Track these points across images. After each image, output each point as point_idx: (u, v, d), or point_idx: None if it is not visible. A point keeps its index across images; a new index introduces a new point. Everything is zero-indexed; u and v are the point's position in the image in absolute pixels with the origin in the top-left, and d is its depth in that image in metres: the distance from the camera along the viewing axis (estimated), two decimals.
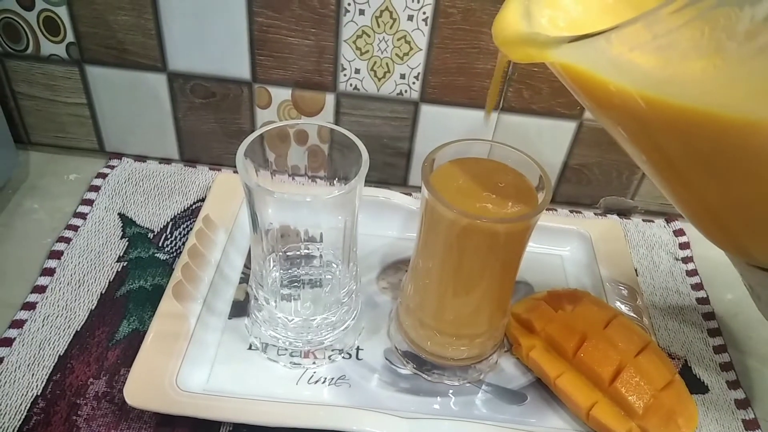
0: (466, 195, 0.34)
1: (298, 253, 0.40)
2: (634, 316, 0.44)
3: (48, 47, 0.50)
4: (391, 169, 0.56)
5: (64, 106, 0.54)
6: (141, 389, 0.36)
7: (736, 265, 0.35)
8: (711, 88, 0.22)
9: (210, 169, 0.56)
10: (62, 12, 0.48)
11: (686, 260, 0.53)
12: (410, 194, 0.55)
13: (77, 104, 0.53)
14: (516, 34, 0.27)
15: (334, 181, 0.39)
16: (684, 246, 0.54)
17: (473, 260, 0.35)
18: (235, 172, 0.55)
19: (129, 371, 0.38)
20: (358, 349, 0.42)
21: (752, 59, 0.21)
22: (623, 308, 0.44)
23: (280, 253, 0.39)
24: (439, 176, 0.35)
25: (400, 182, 0.57)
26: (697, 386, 0.43)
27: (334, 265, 0.40)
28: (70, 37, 0.49)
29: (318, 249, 0.40)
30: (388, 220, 0.50)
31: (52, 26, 0.49)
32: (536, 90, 0.50)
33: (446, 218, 0.33)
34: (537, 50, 0.26)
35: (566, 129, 0.52)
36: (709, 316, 0.48)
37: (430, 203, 0.34)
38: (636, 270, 0.50)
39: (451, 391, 0.40)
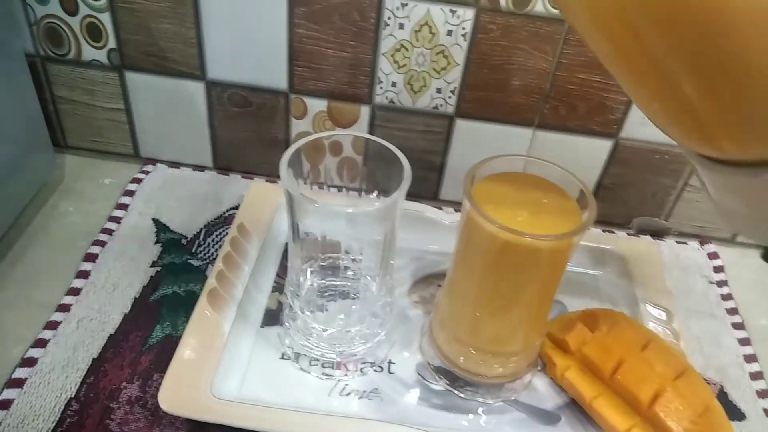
0: (508, 210, 0.34)
1: (336, 263, 0.40)
2: (672, 339, 0.43)
3: (89, 52, 0.51)
4: (422, 182, 0.56)
5: (102, 111, 0.54)
6: (176, 396, 0.36)
7: (691, 158, 0.31)
8: None
9: (243, 177, 0.56)
10: (105, 18, 0.48)
11: (721, 284, 0.52)
12: (441, 208, 0.55)
13: (115, 109, 0.54)
14: None
15: (373, 194, 0.39)
16: (718, 269, 0.53)
17: (514, 277, 0.35)
18: (268, 180, 0.56)
19: (162, 376, 0.38)
20: (389, 362, 0.42)
21: None
22: (659, 330, 0.44)
23: (318, 263, 0.39)
24: (481, 190, 0.35)
25: (431, 196, 0.57)
26: (734, 413, 0.42)
27: (370, 278, 0.40)
28: (111, 43, 0.50)
29: (356, 260, 0.40)
30: (420, 234, 0.50)
31: (94, 32, 0.49)
32: (572, 107, 0.50)
33: (488, 233, 0.33)
34: None
35: (602, 147, 0.52)
36: (745, 341, 0.47)
37: (471, 217, 0.34)
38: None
39: (483, 409, 0.40)
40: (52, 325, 0.42)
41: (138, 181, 0.54)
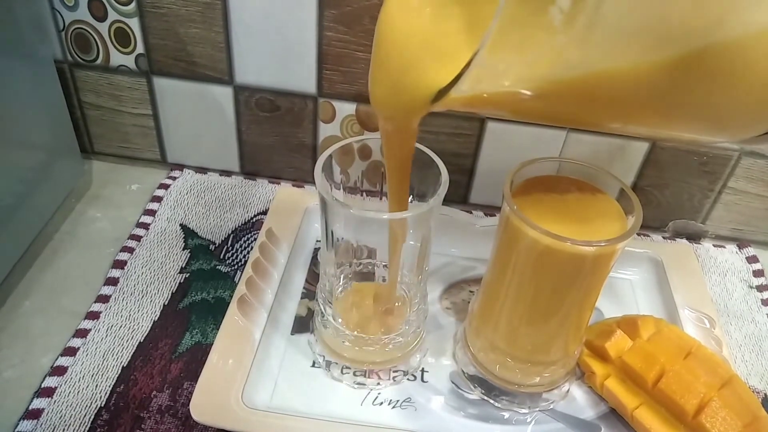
0: (550, 214, 0.33)
1: (370, 269, 0.39)
2: (714, 346, 0.42)
3: (117, 58, 0.50)
4: (452, 186, 0.54)
5: (129, 116, 0.54)
6: (208, 405, 0.36)
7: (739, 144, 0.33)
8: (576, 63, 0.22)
9: (270, 182, 0.56)
10: (134, 24, 0.48)
11: (761, 288, 0.50)
12: (471, 212, 0.54)
13: (143, 115, 0.54)
14: (397, 103, 0.29)
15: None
16: (758, 273, 0.52)
17: (554, 284, 0.33)
18: (295, 185, 0.55)
19: (192, 385, 0.37)
20: (422, 371, 0.41)
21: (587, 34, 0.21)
22: (701, 337, 0.42)
23: (352, 270, 0.39)
24: (520, 194, 0.34)
25: (461, 200, 0.56)
26: None
27: (404, 285, 0.39)
28: (140, 49, 0.50)
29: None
30: (450, 239, 0.49)
31: (123, 37, 0.49)
32: None
33: (529, 238, 0.32)
34: (421, 108, 0.28)
35: (638, 149, 0.50)
36: None
37: (511, 221, 0.33)
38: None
39: (520, 419, 0.39)
40: (82, 333, 0.42)
41: (165, 186, 0.54)
